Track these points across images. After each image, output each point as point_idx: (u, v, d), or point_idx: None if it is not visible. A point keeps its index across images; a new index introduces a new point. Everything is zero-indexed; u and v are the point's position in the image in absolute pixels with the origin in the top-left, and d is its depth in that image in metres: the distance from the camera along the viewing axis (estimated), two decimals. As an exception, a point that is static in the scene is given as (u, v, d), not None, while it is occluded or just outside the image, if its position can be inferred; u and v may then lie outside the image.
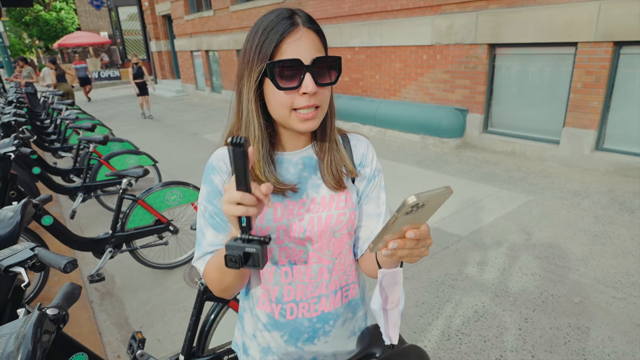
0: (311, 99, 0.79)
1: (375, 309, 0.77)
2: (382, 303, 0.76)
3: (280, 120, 0.84)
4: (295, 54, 0.77)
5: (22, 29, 28.42)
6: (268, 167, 0.85)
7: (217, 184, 0.87)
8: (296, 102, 0.79)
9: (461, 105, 6.27)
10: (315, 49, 0.79)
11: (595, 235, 3.35)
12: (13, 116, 4.86)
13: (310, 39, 0.79)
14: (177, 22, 15.18)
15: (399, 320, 0.80)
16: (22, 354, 0.79)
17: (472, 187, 4.56)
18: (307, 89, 0.77)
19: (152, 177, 4.49)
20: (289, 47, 0.77)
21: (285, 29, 0.77)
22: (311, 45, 0.79)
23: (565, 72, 5.11)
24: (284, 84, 0.78)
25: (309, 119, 0.81)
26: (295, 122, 0.81)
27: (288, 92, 0.79)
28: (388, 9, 6.89)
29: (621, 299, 2.55)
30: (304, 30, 0.78)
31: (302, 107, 0.79)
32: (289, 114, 0.81)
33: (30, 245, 1.24)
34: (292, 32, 0.77)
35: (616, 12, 4.38)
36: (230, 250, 0.65)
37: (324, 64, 0.79)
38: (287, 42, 0.77)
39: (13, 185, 3.02)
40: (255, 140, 0.85)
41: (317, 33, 0.81)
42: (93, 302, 2.85)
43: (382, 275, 0.75)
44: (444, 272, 2.95)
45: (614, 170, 4.70)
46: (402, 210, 0.57)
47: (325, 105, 0.83)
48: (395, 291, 0.77)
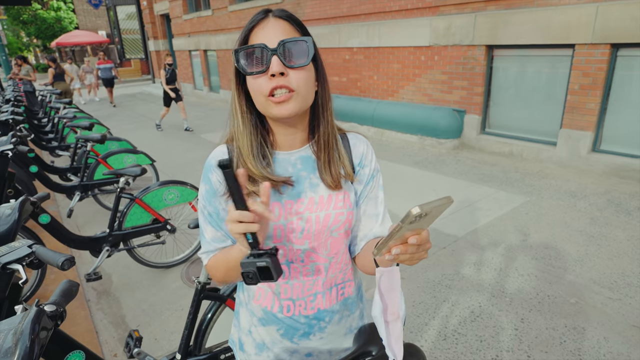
0: (281, 80, 0.79)
1: (376, 315, 0.76)
2: (382, 310, 0.76)
3: (262, 111, 0.85)
4: (262, 39, 0.80)
5: (20, 28, 28.32)
6: (260, 161, 0.86)
7: (214, 183, 0.89)
8: (267, 85, 0.80)
9: (459, 106, 6.29)
10: (283, 34, 0.80)
11: (592, 236, 3.36)
12: (11, 114, 4.85)
13: (278, 26, 0.81)
14: (176, 22, 15.15)
15: (402, 332, 0.79)
16: (19, 349, 0.80)
17: (469, 188, 4.58)
18: (272, 69, 0.78)
19: (149, 176, 4.49)
20: (256, 35, 0.81)
21: (254, 19, 0.82)
22: (279, 31, 0.80)
23: (563, 73, 5.13)
24: (252, 68, 0.80)
25: (282, 102, 0.80)
26: (271, 107, 0.82)
27: (257, 77, 0.80)
28: (386, 9, 6.91)
29: (617, 299, 2.56)
30: (273, 20, 0.82)
31: (274, 89, 0.79)
32: (265, 101, 0.81)
33: (28, 243, 1.24)
34: (260, 22, 0.81)
35: (614, 14, 4.41)
36: (245, 268, 0.69)
37: (294, 46, 0.80)
38: (254, 32, 0.81)
39: (10, 184, 3.02)
40: (241, 133, 0.87)
41: (287, 20, 0.82)
42: (90, 301, 2.85)
43: (380, 274, 0.75)
44: (441, 272, 2.96)
45: (611, 171, 4.72)
46: (406, 220, 0.59)
47: (303, 90, 0.82)
48: (394, 296, 0.76)
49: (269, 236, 0.88)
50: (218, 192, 0.89)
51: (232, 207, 0.67)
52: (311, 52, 0.81)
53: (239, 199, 0.66)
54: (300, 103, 0.82)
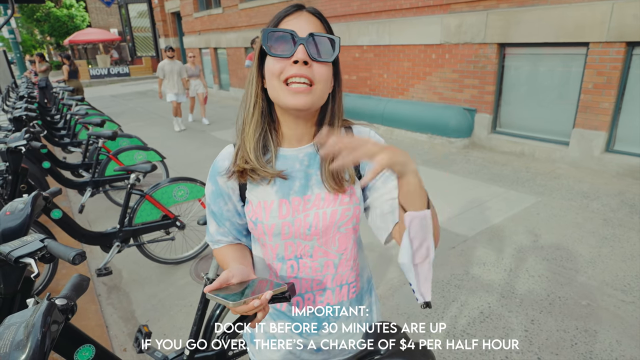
0: (302, 69, 0.78)
1: (405, 262, 0.73)
2: (411, 255, 0.73)
3: (274, 96, 0.83)
4: (293, 27, 0.80)
5: (34, 26, 28.72)
6: (261, 156, 0.87)
7: (220, 183, 0.91)
8: (287, 71, 0.79)
9: (469, 105, 6.23)
10: (313, 28, 0.81)
11: (604, 238, 3.31)
12: (24, 111, 4.92)
13: (310, 20, 0.81)
14: (186, 20, 15.24)
15: (431, 272, 0.75)
16: (31, 342, 0.80)
17: (480, 188, 4.53)
18: (297, 56, 0.78)
19: (159, 173, 4.52)
20: (287, 23, 0.81)
21: (288, 10, 0.82)
22: (310, 24, 0.81)
23: (576, 72, 5.05)
24: (276, 50, 0.80)
25: (299, 92, 0.79)
26: (285, 94, 0.80)
27: (279, 60, 0.80)
28: (397, 7, 6.86)
29: (630, 302, 2.52)
30: (306, 14, 0.82)
31: (293, 76, 0.79)
32: (280, 85, 0.80)
33: (40, 237, 1.25)
34: (294, 12, 0.82)
35: (629, 12, 4.32)
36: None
37: (321, 41, 0.80)
38: (286, 19, 0.82)
39: (24, 179, 3.06)
40: (249, 118, 0.87)
41: (319, 18, 0.83)
42: (100, 296, 2.88)
43: (410, 219, 0.71)
44: (450, 272, 2.94)
45: (624, 172, 4.64)
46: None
47: (321, 85, 0.81)
48: (425, 240, 0.73)
49: (277, 233, 0.88)
50: (224, 193, 0.92)
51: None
52: (337, 50, 0.82)
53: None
54: (316, 98, 0.82)
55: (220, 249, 0.97)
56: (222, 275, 0.74)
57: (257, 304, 0.69)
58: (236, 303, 0.68)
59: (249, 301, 0.69)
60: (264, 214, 0.87)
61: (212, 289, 0.70)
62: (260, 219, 0.88)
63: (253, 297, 0.70)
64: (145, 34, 23.89)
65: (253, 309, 0.70)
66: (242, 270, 0.78)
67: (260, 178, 0.87)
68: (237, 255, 0.93)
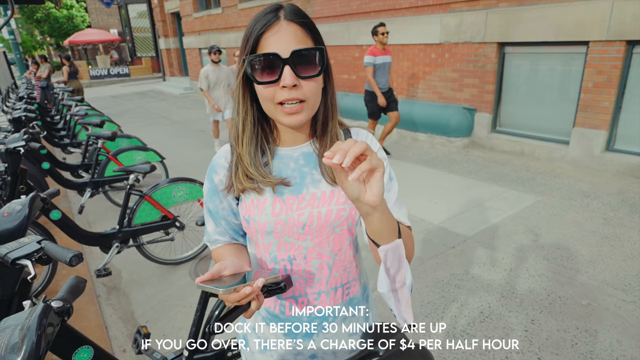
0: (292, 92, 0.78)
1: (384, 291, 0.75)
2: (390, 284, 0.75)
3: (270, 114, 0.84)
4: (274, 47, 0.76)
5: (34, 26, 28.73)
6: (259, 164, 0.86)
7: (217, 182, 0.92)
8: (278, 96, 0.79)
9: (469, 104, 6.22)
10: (296, 42, 0.77)
11: (605, 237, 3.30)
12: (24, 112, 4.92)
13: (290, 32, 0.77)
14: (186, 20, 15.24)
15: (410, 296, 0.78)
16: (26, 345, 0.80)
17: (480, 187, 4.52)
18: (285, 81, 0.76)
19: (159, 174, 4.51)
20: (267, 42, 0.77)
21: (265, 23, 0.77)
22: (291, 38, 0.77)
23: (576, 71, 5.04)
24: (264, 78, 0.78)
25: (293, 113, 0.80)
26: (281, 116, 0.81)
27: (268, 86, 0.78)
28: (396, 7, 6.85)
29: (630, 302, 2.51)
30: (285, 24, 0.78)
31: (285, 101, 0.79)
32: (275, 107, 0.81)
33: (37, 239, 1.25)
34: (272, 25, 0.77)
35: (629, 10, 4.31)
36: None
37: (306, 56, 0.78)
38: (265, 37, 0.77)
39: (23, 180, 3.06)
40: (240, 134, 0.87)
41: (300, 25, 0.79)
42: (100, 297, 2.88)
43: (384, 253, 0.73)
44: (450, 272, 2.93)
45: (625, 171, 4.63)
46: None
47: (312, 99, 0.81)
48: (400, 268, 0.75)
49: (270, 231, 0.87)
50: (219, 192, 0.92)
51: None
52: (323, 61, 0.80)
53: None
54: (310, 111, 0.83)
55: (217, 248, 0.97)
56: (214, 267, 0.73)
57: (249, 291, 0.68)
58: (226, 290, 0.67)
59: (239, 288, 0.68)
60: (256, 211, 0.87)
61: (203, 280, 0.70)
62: (252, 217, 0.87)
63: (244, 285, 0.69)
64: (145, 35, 23.90)
65: (245, 297, 0.69)
66: (235, 262, 0.77)
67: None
68: (234, 253, 0.93)
